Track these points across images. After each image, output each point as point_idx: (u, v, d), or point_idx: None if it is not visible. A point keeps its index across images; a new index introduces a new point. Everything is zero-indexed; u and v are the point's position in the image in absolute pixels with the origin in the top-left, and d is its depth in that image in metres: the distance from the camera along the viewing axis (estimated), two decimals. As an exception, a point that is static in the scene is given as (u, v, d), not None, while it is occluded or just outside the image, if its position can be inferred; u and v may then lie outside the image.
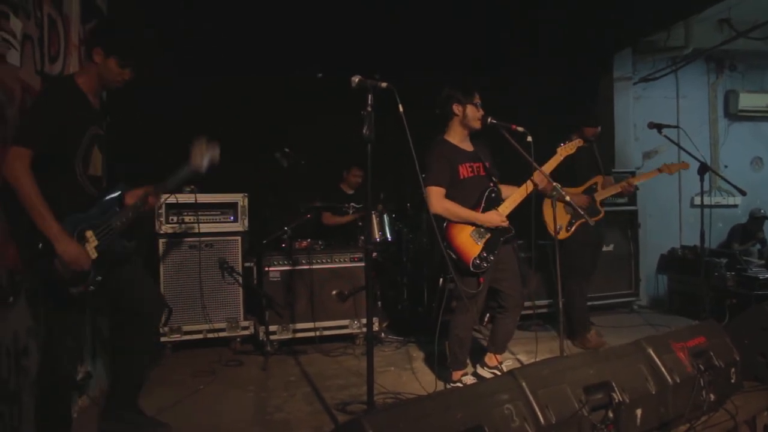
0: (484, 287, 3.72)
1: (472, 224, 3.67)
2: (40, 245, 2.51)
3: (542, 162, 3.74)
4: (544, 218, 4.77)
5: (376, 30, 5.78)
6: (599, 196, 4.88)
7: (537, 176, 3.74)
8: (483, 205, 3.73)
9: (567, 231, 4.80)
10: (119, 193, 2.93)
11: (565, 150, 3.94)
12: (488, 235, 3.69)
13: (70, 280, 2.58)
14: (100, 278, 2.68)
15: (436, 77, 4.16)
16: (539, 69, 6.45)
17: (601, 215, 4.87)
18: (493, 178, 3.86)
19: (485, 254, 3.65)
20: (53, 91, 2.73)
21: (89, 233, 2.68)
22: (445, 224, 3.67)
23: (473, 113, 3.74)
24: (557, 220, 4.65)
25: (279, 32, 5.85)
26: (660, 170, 4.90)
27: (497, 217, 3.68)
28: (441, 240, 3.57)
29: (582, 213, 3.88)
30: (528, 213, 3.95)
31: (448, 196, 3.70)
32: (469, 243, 3.65)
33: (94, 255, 2.67)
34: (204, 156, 2.93)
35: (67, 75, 2.83)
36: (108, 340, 4.05)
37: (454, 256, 3.62)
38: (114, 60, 2.76)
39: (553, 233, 4.71)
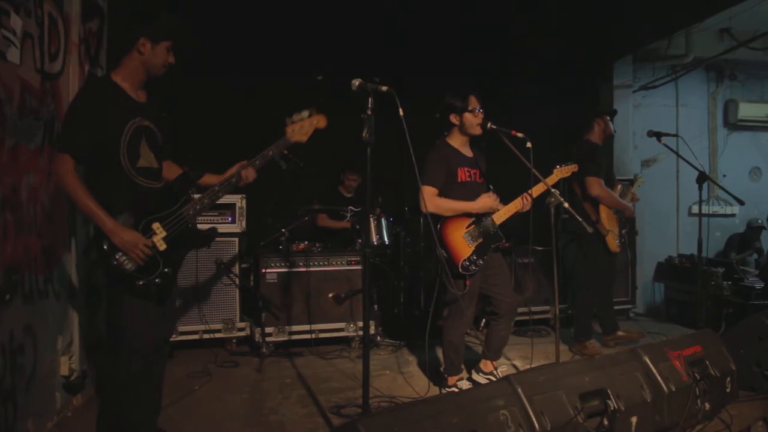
0: (472, 290, 3.73)
1: (467, 215, 3.69)
2: (105, 246, 2.51)
3: (539, 169, 3.73)
4: (607, 229, 4.68)
5: (377, 32, 5.80)
6: None
7: (535, 190, 3.75)
8: (479, 209, 3.75)
9: (621, 242, 4.77)
10: (190, 179, 2.86)
11: (561, 172, 3.97)
12: (480, 240, 3.71)
13: (137, 271, 2.55)
14: (168, 270, 2.63)
15: (436, 82, 4.16)
16: (539, 75, 6.46)
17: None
18: (490, 186, 3.88)
19: (475, 257, 3.66)
20: (83, 92, 2.70)
21: (155, 225, 2.62)
22: (439, 224, 3.69)
23: (471, 120, 3.75)
24: (617, 231, 4.65)
25: (280, 33, 5.86)
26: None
27: (489, 200, 3.68)
28: (436, 238, 3.59)
29: (580, 223, 3.89)
30: (526, 220, 3.95)
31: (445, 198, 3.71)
32: (461, 244, 3.67)
33: (162, 246, 2.62)
34: (304, 131, 2.97)
35: (103, 74, 2.78)
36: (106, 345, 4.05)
37: (445, 254, 3.64)
38: (165, 44, 2.68)
39: (613, 247, 4.71)
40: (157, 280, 2.59)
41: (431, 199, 3.65)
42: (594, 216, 4.71)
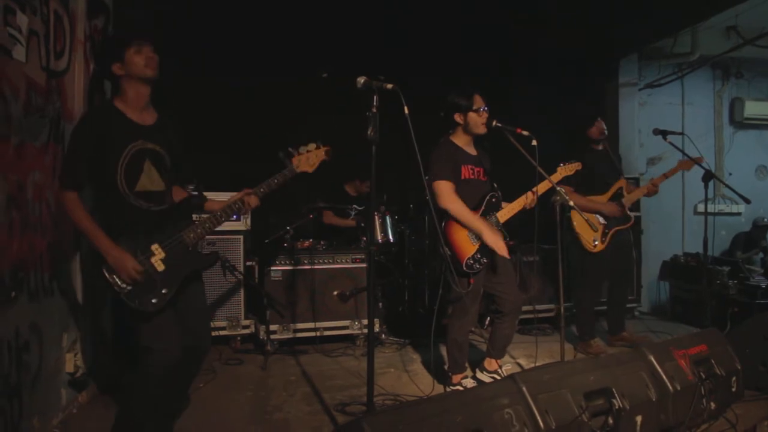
0: (476, 289, 3.72)
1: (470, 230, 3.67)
2: (103, 268, 2.57)
3: (545, 167, 3.72)
4: (576, 232, 4.67)
5: (377, 32, 5.79)
6: (627, 202, 4.79)
7: (541, 187, 3.73)
8: (483, 208, 3.74)
9: (602, 242, 4.71)
10: (194, 204, 2.91)
11: (564, 170, 3.96)
12: None
13: (133, 294, 2.57)
14: (165, 291, 2.65)
15: (436, 82, 4.14)
16: (543, 73, 6.44)
17: (632, 222, 4.79)
18: (494, 185, 3.87)
19: (479, 256, 3.66)
20: (80, 123, 2.75)
21: (154, 246, 2.66)
22: (444, 223, 3.68)
23: (475, 120, 3.74)
24: (591, 233, 4.61)
25: (280, 33, 5.85)
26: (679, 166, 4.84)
27: (500, 240, 3.61)
28: (441, 236, 3.58)
29: (585, 217, 3.88)
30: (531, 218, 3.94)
31: None
32: (465, 242, 3.66)
33: (161, 267, 2.65)
34: (311, 162, 3.08)
35: (105, 100, 2.86)
36: (111, 343, 4.07)
37: (450, 253, 3.64)
38: (130, 51, 2.67)
39: (589, 247, 4.66)
40: (153, 300, 2.62)
41: (452, 197, 3.65)
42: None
